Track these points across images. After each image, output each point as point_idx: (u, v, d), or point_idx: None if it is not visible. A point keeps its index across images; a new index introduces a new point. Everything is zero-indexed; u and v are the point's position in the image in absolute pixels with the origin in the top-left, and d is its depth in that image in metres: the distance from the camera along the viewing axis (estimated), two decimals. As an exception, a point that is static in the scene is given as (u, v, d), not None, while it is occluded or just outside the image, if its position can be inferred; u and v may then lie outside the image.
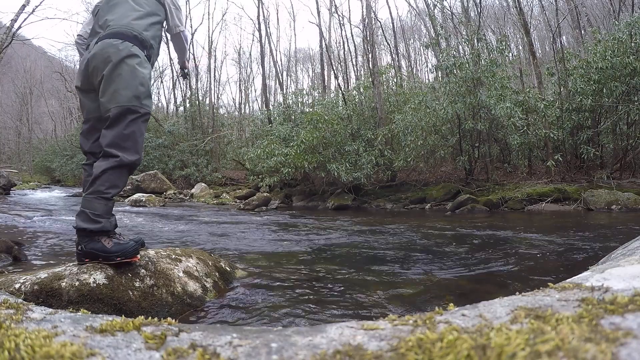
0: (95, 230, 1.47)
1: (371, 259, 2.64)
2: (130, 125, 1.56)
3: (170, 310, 1.47)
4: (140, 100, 1.60)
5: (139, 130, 1.60)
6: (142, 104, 1.60)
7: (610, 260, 1.24)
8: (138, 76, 1.60)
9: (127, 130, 1.55)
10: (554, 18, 12.45)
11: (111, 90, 1.57)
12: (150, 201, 8.75)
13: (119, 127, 1.55)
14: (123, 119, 1.55)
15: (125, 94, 1.56)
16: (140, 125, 1.61)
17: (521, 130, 7.40)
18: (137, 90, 1.59)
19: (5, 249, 2.33)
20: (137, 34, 1.66)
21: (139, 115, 1.59)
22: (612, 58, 6.95)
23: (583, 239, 3.25)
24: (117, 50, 1.59)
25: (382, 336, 0.55)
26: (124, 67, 1.58)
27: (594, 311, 0.54)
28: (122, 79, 1.57)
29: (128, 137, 1.55)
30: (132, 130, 1.57)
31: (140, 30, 1.68)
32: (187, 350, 0.54)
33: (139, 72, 1.61)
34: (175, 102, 22.15)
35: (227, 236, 3.78)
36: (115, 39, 1.61)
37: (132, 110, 1.57)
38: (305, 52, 34.40)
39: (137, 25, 1.69)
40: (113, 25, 1.66)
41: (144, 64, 1.65)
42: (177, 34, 1.95)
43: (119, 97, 1.56)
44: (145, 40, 1.69)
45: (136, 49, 1.63)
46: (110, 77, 1.58)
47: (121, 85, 1.56)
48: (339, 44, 21.91)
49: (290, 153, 8.76)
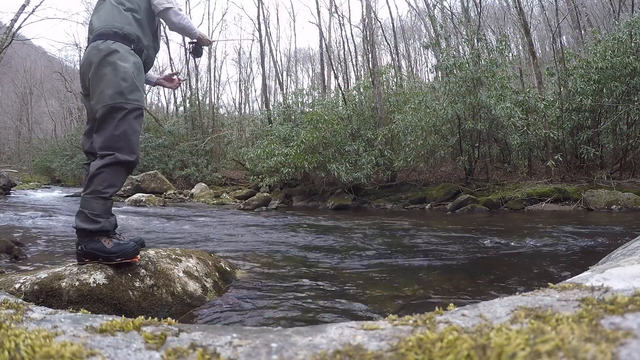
0: (95, 230, 1.47)
1: (371, 259, 2.64)
2: (120, 125, 1.52)
3: (170, 310, 1.47)
4: (125, 96, 1.54)
5: (131, 128, 1.56)
6: (128, 100, 1.55)
7: (610, 260, 1.24)
8: (119, 71, 1.55)
9: (118, 130, 1.52)
10: (554, 18, 12.45)
11: (98, 91, 1.56)
12: (150, 201, 8.75)
13: (109, 128, 1.52)
14: (110, 119, 1.52)
15: (108, 92, 1.53)
16: (131, 123, 1.56)
17: (521, 130, 7.40)
18: (120, 85, 1.54)
19: (5, 249, 2.33)
20: (118, 30, 1.62)
21: (127, 111, 1.54)
22: (612, 58, 6.95)
23: (583, 239, 3.25)
24: (98, 50, 1.58)
25: (382, 336, 0.55)
26: (106, 67, 1.56)
27: (594, 311, 0.54)
28: (105, 79, 1.55)
29: (120, 137, 1.52)
30: (124, 129, 1.53)
31: (121, 25, 1.64)
32: (187, 350, 0.54)
33: (120, 67, 1.56)
34: (175, 102, 22.13)
35: (227, 236, 3.78)
36: (97, 41, 1.60)
37: (117, 107, 1.53)
38: (305, 52, 34.37)
39: (118, 21, 1.65)
40: (97, 27, 1.65)
41: (127, 57, 1.60)
42: (163, 13, 1.77)
43: (103, 97, 1.54)
44: (128, 34, 1.65)
45: (118, 44, 1.60)
46: (95, 79, 1.57)
47: (105, 85, 1.54)
48: (339, 44, 21.92)
49: (290, 153, 8.76)
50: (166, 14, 1.78)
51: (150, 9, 1.77)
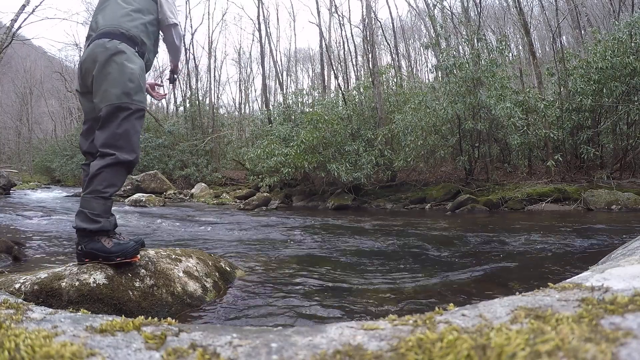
0: (95, 230, 1.47)
1: (371, 259, 2.64)
2: (122, 124, 1.54)
3: (170, 310, 1.47)
4: (131, 97, 1.56)
5: (133, 128, 1.57)
6: (133, 100, 1.57)
7: (610, 260, 1.24)
8: (126, 72, 1.57)
9: (120, 129, 1.53)
10: (554, 18, 12.44)
11: (102, 90, 1.56)
12: (150, 201, 8.74)
13: (112, 126, 1.53)
14: (114, 118, 1.53)
15: (114, 92, 1.54)
16: (133, 123, 1.57)
17: (521, 130, 7.40)
18: (126, 86, 1.56)
19: (5, 249, 2.33)
20: (125, 31, 1.63)
21: (131, 112, 1.56)
22: (612, 58, 6.95)
23: (583, 239, 3.25)
24: (105, 49, 1.58)
25: (382, 336, 0.55)
26: (112, 65, 1.56)
27: (594, 311, 0.54)
28: (111, 78, 1.55)
29: (121, 136, 1.53)
30: (126, 128, 1.54)
31: (128, 27, 1.65)
32: (187, 350, 0.54)
33: (127, 68, 1.57)
34: (175, 102, 22.16)
35: (227, 236, 3.78)
36: (103, 39, 1.60)
37: (122, 107, 1.54)
38: (305, 52, 34.38)
39: (125, 22, 1.65)
40: (102, 25, 1.65)
41: (133, 59, 1.61)
42: (168, 27, 1.82)
43: (108, 96, 1.54)
44: (134, 36, 1.66)
45: (124, 45, 1.60)
46: (100, 77, 1.57)
47: (110, 84, 1.55)
48: (339, 44, 21.92)
49: (290, 153, 8.76)
50: (170, 30, 1.84)
51: (156, 15, 1.80)
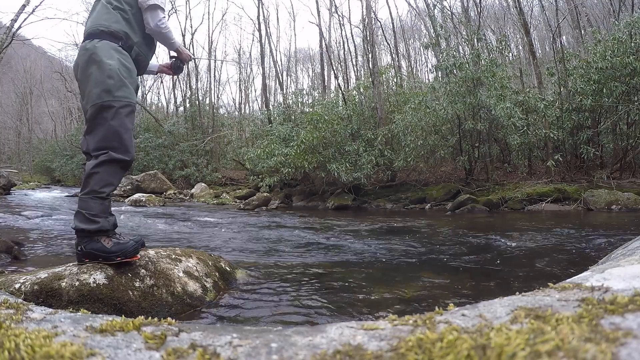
0: (93, 230, 1.46)
1: (371, 259, 2.64)
2: (111, 124, 1.51)
3: (170, 310, 1.47)
4: (112, 94, 1.52)
5: (124, 127, 1.54)
6: (115, 97, 1.52)
7: (610, 260, 1.24)
8: (105, 69, 1.53)
9: (110, 130, 1.51)
10: (554, 18, 12.44)
11: (87, 91, 1.56)
12: (150, 201, 8.74)
13: (100, 129, 1.51)
14: (100, 119, 1.51)
15: (95, 91, 1.52)
16: (123, 120, 1.54)
17: (521, 130, 7.40)
18: (106, 84, 1.52)
19: (5, 249, 2.33)
20: (104, 28, 1.61)
21: (116, 109, 1.52)
22: (612, 58, 6.96)
23: (583, 239, 3.25)
24: (85, 50, 1.58)
25: (382, 336, 0.55)
26: (92, 66, 1.55)
27: (594, 311, 0.54)
28: (92, 78, 1.54)
29: (112, 137, 1.51)
30: (115, 128, 1.51)
31: (108, 23, 1.62)
32: (187, 350, 0.54)
33: (105, 65, 1.53)
34: (175, 102, 22.15)
35: (227, 236, 3.78)
36: (85, 41, 1.61)
37: (104, 106, 1.51)
38: (305, 52, 34.32)
39: (105, 19, 1.63)
40: (87, 28, 1.66)
41: (111, 54, 1.57)
42: (145, 12, 1.70)
43: (91, 96, 1.53)
44: (115, 31, 1.63)
45: (103, 42, 1.58)
46: (83, 79, 1.57)
47: (92, 84, 1.54)
48: (339, 44, 21.88)
49: (290, 153, 8.76)
50: (147, 14, 1.70)
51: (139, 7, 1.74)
